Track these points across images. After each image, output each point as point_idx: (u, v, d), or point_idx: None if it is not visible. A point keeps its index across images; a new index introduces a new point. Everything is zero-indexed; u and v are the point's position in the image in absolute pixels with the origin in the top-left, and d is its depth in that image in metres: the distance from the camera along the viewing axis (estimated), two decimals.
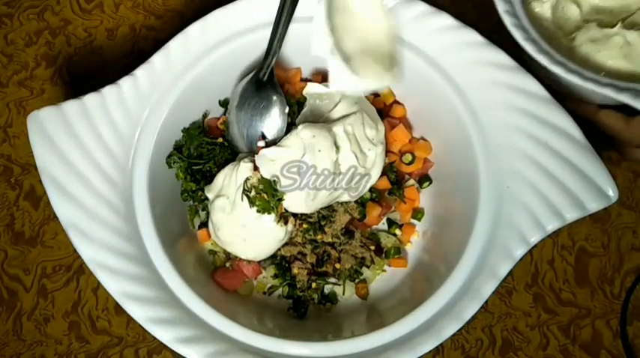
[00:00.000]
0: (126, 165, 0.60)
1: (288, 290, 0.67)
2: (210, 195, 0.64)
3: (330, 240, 0.66)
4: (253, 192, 0.61)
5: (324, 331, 0.61)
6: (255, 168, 0.61)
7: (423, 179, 0.70)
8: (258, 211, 0.61)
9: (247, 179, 0.61)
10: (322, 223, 0.65)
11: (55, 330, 0.72)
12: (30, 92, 0.81)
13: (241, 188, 0.61)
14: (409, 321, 0.56)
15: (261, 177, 0.61)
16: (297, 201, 0.61)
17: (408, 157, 0.69)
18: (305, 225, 0.65)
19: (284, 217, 0.63)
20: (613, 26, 0.68)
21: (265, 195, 0.61)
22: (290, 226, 0.63)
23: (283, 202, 0.61)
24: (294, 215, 0.63)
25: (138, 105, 0.61)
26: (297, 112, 0.66)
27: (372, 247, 0.66)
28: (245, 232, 0.62)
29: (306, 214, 0.64)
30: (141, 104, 0.61)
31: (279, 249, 0.65)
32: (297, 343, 0.56)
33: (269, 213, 0.61)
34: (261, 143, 0.64)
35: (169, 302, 0.56)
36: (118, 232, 0.57)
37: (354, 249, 0.66)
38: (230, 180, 0.62)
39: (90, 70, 0.82)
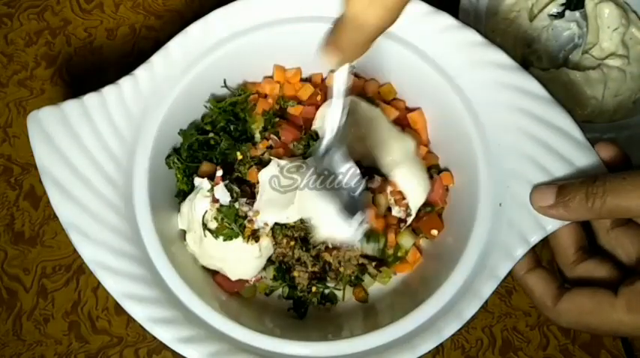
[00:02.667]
0: (126, 164, 0.59)
1: (289, 291, 0.66)
2: (182, 227, 0.64)
3: (329, 258, 0.65)
4: (215, 224, 0.61)
5: (325, 331, 0.61)
6: (214, 200, 0.61)
7: None
8: (224, 240, 0.61)
9: (206, 212, 0.61)
10: (308, 236, 0.64)
11: (55, 330, 0.72)
12: (30, 92, 0.81)
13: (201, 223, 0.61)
14: (409, 321, 0.56)
15: (220, 206, 0.61)
16: (272, 214, 0.61)
17: None
18: (291, 243, 0.63)
19: (254, 236, 0.62)
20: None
21: (227, 223, 0.61)
22: (265, 241, 0.63)
23: (257, 218, 0.61)
24: (278, 225, 0.63)
25: (138, 105, 0.60)
26: (308, 144, 0.65)
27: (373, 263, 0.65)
28: (220, 258, 0.62)
29: (290, 226, 0.63)
30: (141, 104, 0.61)
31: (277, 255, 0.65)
32: (297, 343, 0.56)
33: (236, 238, 0.61)
34: (219, 172, 0.62)
35: (169, 302, 0.56)
36: (118, 232, 0.57)
37: (355, 257, 0.65)
38: (192, 214, 0.62)
39: (90, 70, 0.82)
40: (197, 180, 0.63)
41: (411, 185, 0.64)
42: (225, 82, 0.68)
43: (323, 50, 0.50)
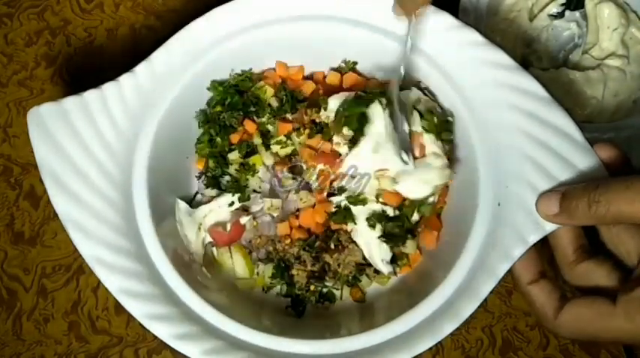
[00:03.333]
0: (125, 161, 0.59)
1: (287, 289, 0.66)
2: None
3: (329, 260, 0.65)
4: None
5: (322, 329, 0.60)
6: None
7: None
8: None
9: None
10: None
11: (55, 330, 0.72)
12: (30, 92, 0.81)
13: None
14: (407, 320, 0.56)
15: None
16: None
17: None
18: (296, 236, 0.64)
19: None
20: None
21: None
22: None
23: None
24: None
25: (138, 101, 0.60)
26: None
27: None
28: None
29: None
30: (141, 101, 0.61)
31: (277, 251, 0.65)
32: (294, 340, 0.56)
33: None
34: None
35: (167, 299, 0.56)
36: (117, 228, 0.57)
37: (355, 260, 0.65)
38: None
39: (90, 70, 0.82)
40: None
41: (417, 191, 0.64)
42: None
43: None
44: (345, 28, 0.65)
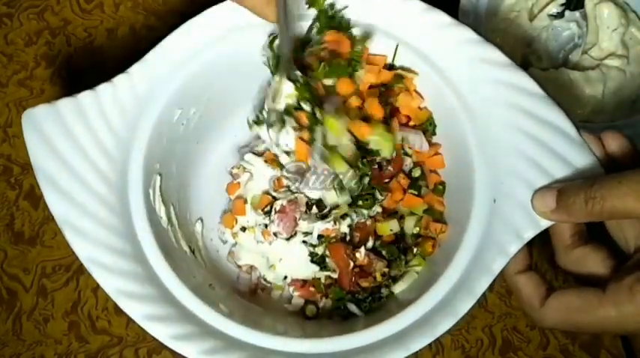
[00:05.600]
0: (120, 162, 0.59)
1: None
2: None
3: None
4: None
5: (319, 328, 0.61)
6: None
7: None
8: None
9: None
10: None
11: (55, 330, 0.72)
12: (30, 92, 0.81)
13: None
14: (403, 318, 0.56)
15: None
16: None
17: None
18: None
19: None
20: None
21: None
22: None
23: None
24: None
25: (133, 102, 0.60)
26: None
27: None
28: None
29: None
30: (136, 101, 0.60)
31: None
32: (292, 340, 0.56)
33: None
34: None
35: (164, 300, 0.56)
36: (113, 229, 0.57)
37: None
38: None
39: (90, 70, 0.82)
40: None
41: None
42: None
43: None
44: None
